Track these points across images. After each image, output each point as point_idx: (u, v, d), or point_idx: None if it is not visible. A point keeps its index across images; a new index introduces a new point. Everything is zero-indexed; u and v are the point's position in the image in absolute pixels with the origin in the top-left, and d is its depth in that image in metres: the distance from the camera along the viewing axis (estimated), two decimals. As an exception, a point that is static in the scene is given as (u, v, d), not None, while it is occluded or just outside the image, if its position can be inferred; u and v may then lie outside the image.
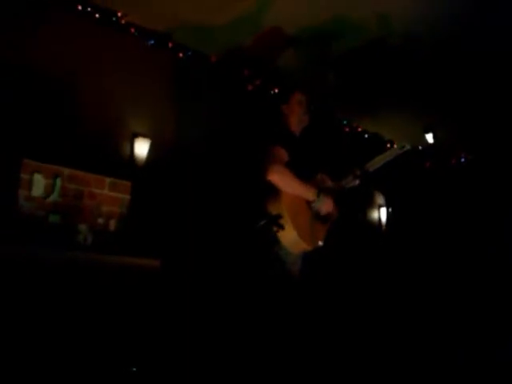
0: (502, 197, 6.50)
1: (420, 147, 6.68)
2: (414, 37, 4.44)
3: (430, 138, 4.40)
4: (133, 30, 4.56)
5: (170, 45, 4.79)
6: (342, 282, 5.55)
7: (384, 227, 6.58)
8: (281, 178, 2.93)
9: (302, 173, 3.03)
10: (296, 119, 3.35)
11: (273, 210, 2.93)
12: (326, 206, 3.09)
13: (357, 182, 3.20)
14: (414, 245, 6.59)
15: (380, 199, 6.65)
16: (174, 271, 4.03)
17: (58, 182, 3.67)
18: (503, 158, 6.57)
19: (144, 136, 4.48)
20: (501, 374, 4.38)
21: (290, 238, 2.91)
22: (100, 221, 3.75)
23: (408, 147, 3.27)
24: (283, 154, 3.01)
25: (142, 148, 4.44)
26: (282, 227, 2.85)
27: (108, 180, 3.95)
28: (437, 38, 4.44)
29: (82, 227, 3.53)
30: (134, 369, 3.29)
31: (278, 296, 2.96)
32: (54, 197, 3.62)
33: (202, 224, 4.46)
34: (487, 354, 4.91)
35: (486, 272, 6.32)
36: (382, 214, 6.59)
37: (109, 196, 3.93)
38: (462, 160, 7.07)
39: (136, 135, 4.46)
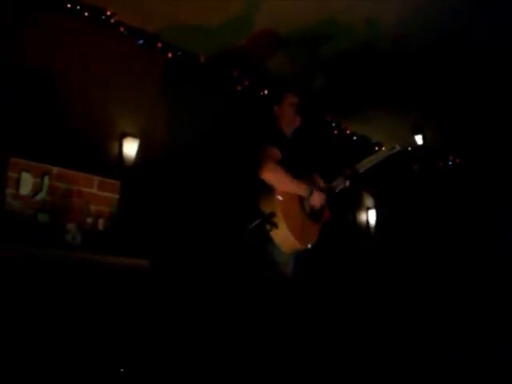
0: (489, 199, 6.56)
1: (409, 149, 6.72)
2: (402, 40, 4.46)
3: (419, 139, 4.43)
4: (122, 29, 4.53)
5: (160, 45, 4.76)
6: (333, 283, 5.55)
7: (373, 229, 6.61)
8: (275, 176, 2.94)
9: (294, 173, 3.05)
10: (287, 120, 3.38)
11: (266, 208, 2.93)
12: (318, 199, 3.12)
13: (347, 183, 3.23)
14: (403, 246, 6.62)
15: (369, 201, 6.67)
16: (164, 271, 4.02)
17: (46, 180, 3.63)
18: (490, 161, 6.63)
19: (133, 136, 4.45)
20: (496, 373, 4.41)
21: (283, 236, 2.92)
22: (89, 220, 3.71)
23: (398, 148, 3.31)
24: (276, 154, 3.03)
25: (130, 148, 4.42)
26: (275, 225, 2.86)
27: (97, 179, 3.92)
28: (425, 41, 4.46)
29: (71, 226, 3.49)
30: (122, 370, 3.27)
31: (270, 297, 2.96)
32: (42, 195, 3.58)
33: (193, 223, 4.44)
34: (481, 353, 4.94)
35: (473, 273, 6.37)
36: (371, 215, 6.61)
37: (97, 195, 3.89)
38: (450, 163, 7.11)
39: (125, 135, 4.43)
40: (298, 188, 3.06)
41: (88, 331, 3.14)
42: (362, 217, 6.65)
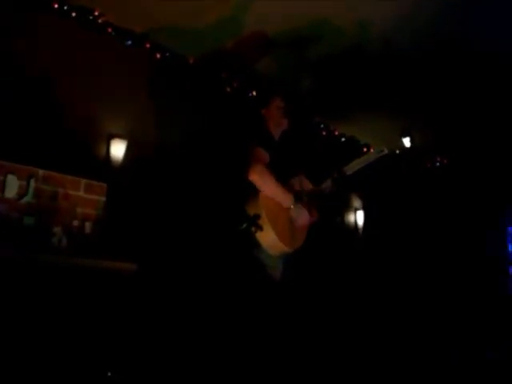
0: (477, 200, 6.60)
1: (397, 151, 6.75)
2: (392, 42, 4.46)
3: (406, 142, 4.44)
4: (110, 29, 4.49)
5: (148, 45, 4.73)
6: (323, 286, 5.55)
7: (361, 230, 6.62)
8: (261, 179, 2.94)
9: (282, 175, 3.05)
10: (275, 123, 3.39)
11: (251, 210, 2.92)
12: (301, 218, 3.11)
13: (335, 185, 3.22)
14: (392, 247, 6.64)
15: (357, 202, 6.69)
16: (152, 275, 3.99)
17: (32, 183, 3.59)
18: (478, 162, 6.67)
19: (120, 137, 4.41)
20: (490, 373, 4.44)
21: (269, 239, 2.91)
22: (75, 223, 3.68)
23: (386, 151, 3.30)
24: (264, 156, 3.03)
25: (118, 149, 4.38)
26: (260, 228, 2.83)
27: (83, 181, 3.88)
28: (414, 44, 4.47)
29: (57, 229, 3.46)
30: (109, 373, 3.24)
31: (259, 301, 2.96)
32: (27, 198, 3.54)
33: (180, 226, 4.42)
34: (468, 354, 4.98)
35: (463, 273, 6.41)
36: (359, 217, 6.63)
37: (84, 198, 3.85)
38: (437, 164, 7.15)
39: (112, 136, 4.39)
40: (282, 196, 3.03)
41: (74, 336, 3.11)
42: (351, 218, 6.66)
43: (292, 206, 3.05)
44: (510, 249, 6.27)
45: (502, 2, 3.80)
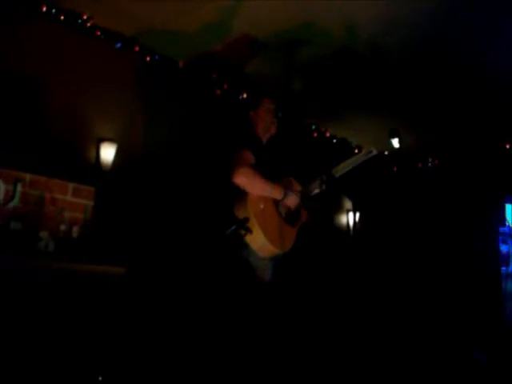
0: (468, 200, 6.61)
1: (386, 152, 6.76)
2: (381, 45, 4.48)
3: (395, 142, 4.44)
4: (98, 32, 4.49)
5: (137, 48, 4.73)
6: (312, 288, 5.55)
7: (352, 232, 6.62)
8: (247, 180, 2.93)
9: (268, 177, 3.03)
10: (263, 126, 3.39)
11: (239, 213, 2.92)
12: (293, 201, 3.11)
13: (323, 187, 3.21)
14: (383, 249, 6.65)
15: (348, 204, 6.69)
16: (140, 278, 3.97)
17: (19, 187, 3.57)
18: (469, 162, 6.68)
19: (110, 140, 4.40)
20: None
21: (259, 241, 2.90)
22: (62, 227, 3.66)
23: (374, 152, 3.31)
24: (249, 157, 3.01)
25: (107, 152, 4.37)
26: (249, 231, 2.83)
27: (71, 185, 3.86)
28: (403, 46, 4.48)
29: (44, 234, 3.44)
30: (100, 378, 3.22)
31: (248, 304, 2.95)
32: (14, 203, 3.53)
33: (169, 230, 4.41)
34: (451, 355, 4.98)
35: (453, 274, 6.41)
36: (350, 218, 6.63)
37: (72, 202, 3.84)
38: (429, 164, 7.16)
39: (102, 139, 4.38)
40: (272, 190, 3.04)
41: (62, 340, 3.09)
42: (341, 219, 6.66)
43: (283, 196, 3.05)
44: (501, 249, 6.27)
45: (489, 8, 3.81)
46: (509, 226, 6.33)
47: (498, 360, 4.78)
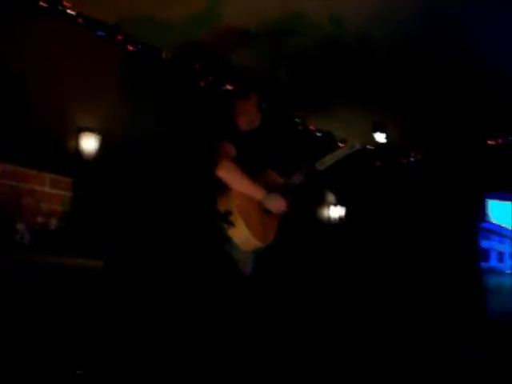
0: (450, 196, 6.64)
1: (370, 146, 6.77)
2: (368, 38, 4.46)
3: (380, 137, 4.41)
4: (80, 20, 4.38)
5: (120, 37, 4.63)
6: (293, 281, 5.54)
7: (334, 224, 6.62)
8: (229, 174, 2.94)
9: (250, 170, 3.04)
10: (246, 118, 3.41)
11: (222, 206, 2.93)
12: (276, 204, 3.10)
13: (305, 179, 3.22)
14: (363, 243, 6.66)
15: (330, 197, 6.68)
16: (118, 272, 3.92)
17: (-6, 179, 3.49)
18: (452, 159, 6.72)
19: (91, 130, 4.31)
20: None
21: (242, 235, 2.92)
22: (40, 219, 3.59)
23: (358, 147, 3.34)
24: (231, 150, 3.02)
25: (88, 143, 4.28)
26: (231, 224, 2.85)
27: (49, 176, 3.78)
28: (390, 39, 4.46)
29: (20, 226, 3.37)
30: (79, 372, 3.19)
31: (229, 298, 2.96)
32: (-11, 195, 3.45)
33: (150, 222, 4.36)
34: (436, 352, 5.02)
35: (434, 269, 6.45)
36: (333, 212, 6.62)
37: (50, 193, 3.77)
38: (412, 159, 7.19)
39: (82, 129, 4.29)
40: (254, 191, 3.03)
41: (39, 334, 3.04)
42: (323, 212, 6.65)
43: (264, 197, 3.03)
44: (482, 244, 6.33)
45: (477, 2, 3.82)
46: (490, 222, 6.38)
47: (480, 355, 4.83)
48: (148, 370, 3.46)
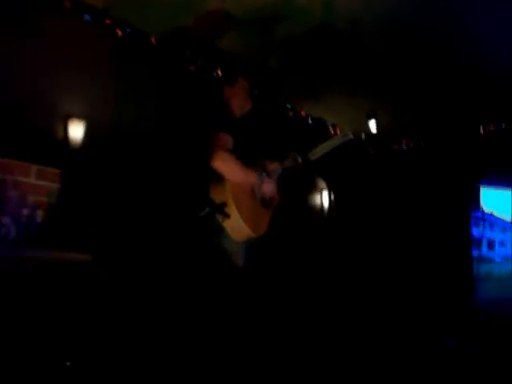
0: (442, 183, 6.65)
1: (363, 135, 6.76)
2: (359, 23, 4.41)
3: (373, 126, 4.39)
4: (68, 4, 4.27)
5: (108, 21, 4.53)
6: (285, 271, 5.53)
7: (326, 212, 6.61)
8: (224, 165, 2.92)
9: (245, 159, 3.02)
10: (238, 104, 3.38)
11: (217, 196, 2.90)
12: (269, 188, 3.11)
13: (297, 164, 3.20)
14: (356, 231, 6.66)
15: (322, 184, 6.66)
16: (107, 266, 3.87)
17: (-23, 171, 3.40)
18: (445, 146, 6.72)
19: (78, 117, 4.22)
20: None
21: (236, 226, 2.90)
22: (25, 212, 3.51)
23: (351, 136, 3.33)
24: (228, 141, 2.99)
25: (75, 130, 4.20)
26: (227, 216, 2.83)
27: (35, 167, 3.70)
28: (382, 25, 4.43)
29: (5, 219, 3.29)
30: (68, 363, 3.16)
31: (220, 289, 2.94)
32: (-28, 188, 3.37)
33: (140, 214, 4.30)
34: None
35: (429, 257, 6.47)
36: (324, 199, 6.60)
37: (36, 185, 3.68)
38: (404, 146, 7.18)
39: (70, 116, 4.20)
40: (248, 177, 3.03)
41: (27, 329, 3.00)
42: (315, 199, 6.63)
43: (257, 181, 3.06)
44: (474, 233, 6.36)
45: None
46: (482, 210, 6.39)
47: (468, 343, 4.86)
48: (137, 362, 3.44)
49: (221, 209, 2.83)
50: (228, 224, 2.89)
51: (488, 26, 4.28)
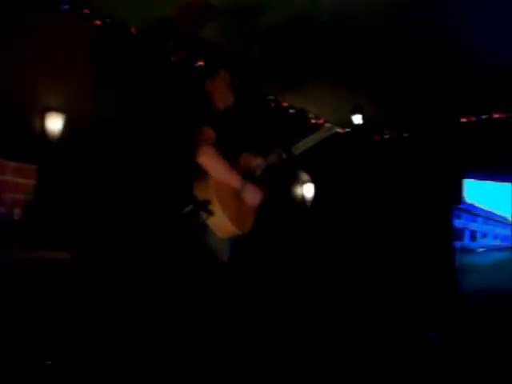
0: (425, 175, 6.68)
1: (348, 129, 6.76)
2: (343, 14, 4.38)
3: (357, 119, 4.37)
4: (44, -8, 4.18)
5: (87, 11, 4.43)
6: (270, 267, 5.52)
7: (309, 204, 6.60)
8: (209, 161, 2.86)
9: (228, 153, 2.96)
10: (220, 97, 3.28)
11: (201, 193, 2.85)
12: (252, 197, 3.06)
13: (280, 160, 3.14)
14: (341, 224, 6.68)
15: (304, 176, 6.65)
16: (87, 264, 3.82)
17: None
18: (427, 137, 6.75)
19: (57, 110, 4.14)
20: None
21: (220, 223, 2.86)
22: (2, 210, 3.44)
23: (335, 130, 3.30)
24: (212, 135, 2.92)
25: (54, 123, 4.11)
26: (211, 213, 2.79)
27: (11, 164, 3.62)
28: (365, 16, 4.40)
29: (-20, 218, 3.23)
30: (49, 362, 3.12)
31: (205, 286, 2.89)
32: None
33: (121, 210, 4.24)
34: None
35: (411, 249, 6.50)
36: (307, 191, 6.59)
37: (12, 182, 3.61)
38: (386, 137, 7.20)
39: (48, 109, 4.12)
40: (231, 180, 2.96)
41: (7, 328, 2.95)
42: (299, 192, 6.62)
43: (241, 187, 2.98)
44: (456, 224, 6.40)
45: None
46: (464, 201, 6.44)
47: (452, 335, 4.90)
48: (120, 359, 3.40)
49: (205, 206, 2.78)
50: (212, 221, 2.84)
51: (468, 13, 4.25)
